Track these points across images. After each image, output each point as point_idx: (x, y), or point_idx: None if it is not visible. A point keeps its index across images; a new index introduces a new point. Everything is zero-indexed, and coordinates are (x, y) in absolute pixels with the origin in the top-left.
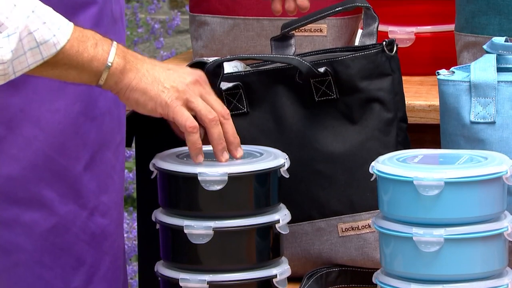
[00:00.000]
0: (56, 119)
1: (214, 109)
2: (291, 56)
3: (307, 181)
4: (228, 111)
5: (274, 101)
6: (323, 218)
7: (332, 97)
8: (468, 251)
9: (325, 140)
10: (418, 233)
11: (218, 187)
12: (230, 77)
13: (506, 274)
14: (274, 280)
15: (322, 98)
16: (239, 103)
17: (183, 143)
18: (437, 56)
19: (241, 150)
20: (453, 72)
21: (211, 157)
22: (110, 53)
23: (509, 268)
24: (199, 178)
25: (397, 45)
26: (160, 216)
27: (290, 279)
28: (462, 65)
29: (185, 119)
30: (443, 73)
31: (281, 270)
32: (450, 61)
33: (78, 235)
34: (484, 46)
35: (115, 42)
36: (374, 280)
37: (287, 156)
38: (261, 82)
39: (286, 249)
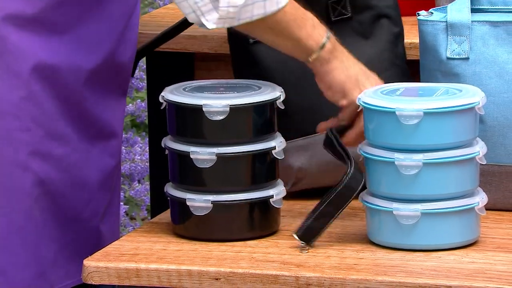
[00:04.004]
0: None
1: None
2: None
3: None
4: None
5: None
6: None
7: (347, 15)
8: (444, 173)
9: None
10: (399, 158)
11: (220, 117)
12: None
13: (477, 193)
14: (271, 200)
15: (338, 18)
16: None
17: (189, 77)
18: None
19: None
20: (432, 13)
21: (214, 90)
22: (324, 37)
23: (480, 188)
24: (203, 109)
25: None
26: (169, 143)
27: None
28: (439, 7)
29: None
30: (423, 14)
31: (277, 191)
32: (429, 4)
33: None
34: None
35: (328, 31)
36: (360, 200)
37: (282, 90)
38: None
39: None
